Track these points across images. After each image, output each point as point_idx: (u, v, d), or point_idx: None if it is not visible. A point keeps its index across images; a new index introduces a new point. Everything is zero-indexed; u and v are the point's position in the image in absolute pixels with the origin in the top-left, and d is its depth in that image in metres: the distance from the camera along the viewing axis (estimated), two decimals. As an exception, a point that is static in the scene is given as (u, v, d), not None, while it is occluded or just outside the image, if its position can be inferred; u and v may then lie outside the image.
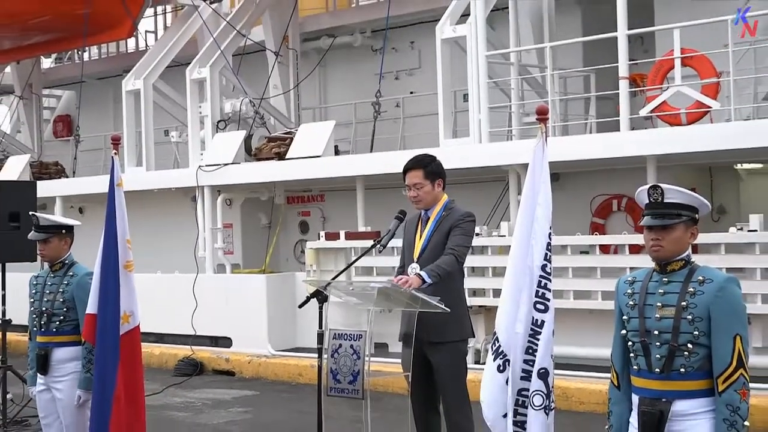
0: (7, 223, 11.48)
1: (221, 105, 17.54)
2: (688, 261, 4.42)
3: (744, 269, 10.83)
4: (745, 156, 12.96)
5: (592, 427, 9.14)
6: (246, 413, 11.90)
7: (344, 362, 6.10)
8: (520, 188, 12.54)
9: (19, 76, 23.38)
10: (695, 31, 12.40)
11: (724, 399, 4.23)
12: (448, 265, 6.17)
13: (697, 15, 12.74)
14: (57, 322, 7.08)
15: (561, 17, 15.71)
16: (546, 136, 4.77)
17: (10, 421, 10.97)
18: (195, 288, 15.59)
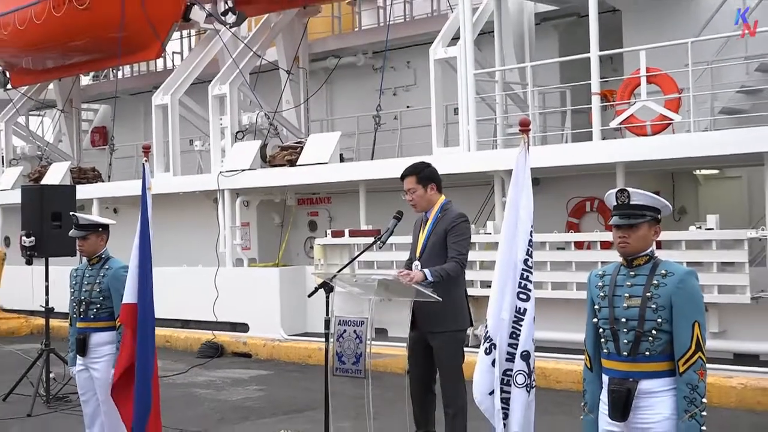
0: (50, 222, 11.52)
1: (239, 117, 17.55)
2: (652, 256, 4.43)
3: (702, 263, 10.84)
4: (703, 163, 12.99)
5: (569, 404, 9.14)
6: (261, 391, 11.91)
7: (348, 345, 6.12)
8: (504, 191, 12.56)
9: (61, 92, 23.38)
10: (659, 52, 12.40)
11: (684, 379, 4.25)
12: (452, 271, 6.21)
13: (660, 38, 12.76)
14: (94, 309, 7.10)
15: (540, 40, 15.74)
16: (527, 146, 4.78)
17: (53, 397, 11.01)
18: (216, 279, 15.60)
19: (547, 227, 12.77)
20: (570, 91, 14.22)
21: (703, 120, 12.40)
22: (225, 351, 15.17)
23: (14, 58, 22.01)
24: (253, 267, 16.45)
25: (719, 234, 10.89)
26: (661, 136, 11.95)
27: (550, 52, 15.50)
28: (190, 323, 16.11)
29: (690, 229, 11.30)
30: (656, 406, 4.30)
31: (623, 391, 4.33)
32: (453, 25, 14.31)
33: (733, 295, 10.75)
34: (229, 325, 15.72)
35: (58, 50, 20.67)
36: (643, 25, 14.16)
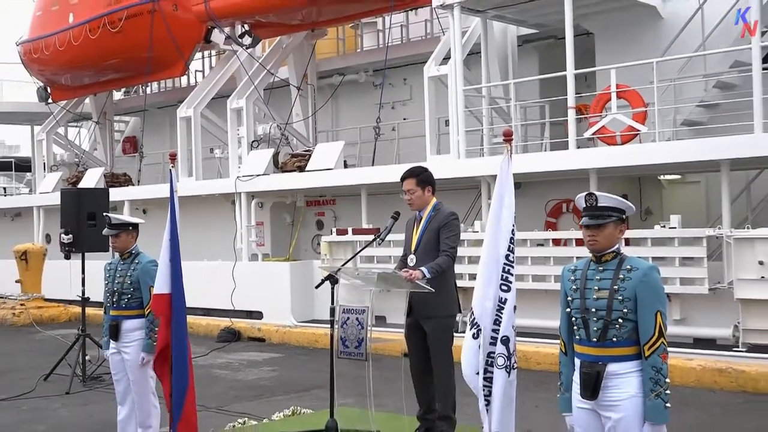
0: (85, 222, 11.52)
1: (254, 128, 17.60)
2: (619, 253, 4.43)
3: (666, 258, 10.86)
4: (667, 169, 13.00)
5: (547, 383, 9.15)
6: (273, 371, 11.91)
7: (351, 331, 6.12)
8: (489, 194, 12.57)
9: (96, 105, 23.40)
10: (627, 70, 12.42)
11: (649, 362, 4.25)
12: (444, 264, 6.21)
13: (629, 58, 12.77)
14: (126, 299, 7.10)
15: (522, 59, 15.76)
16: (510, 153, 4.78)
17: (89, 376, 11.04)
18: (234, 272, 15.64)
19: (527, 226, 12.79)
20: (548, 105, 14.24)
21: (666, 131, 12.43)
22: (241, 336, 15.18)
23: (55, 76, 22.05)
24: (267, 261, 16.47)
25: (681, 232, 10.92)
26: (629, 145, 11.97)
27: (531, 71, 15.51)
28: (211, 311, 16.12)
29: (655, 227, 11.33)
30: (622, 386, 4.30)
31: (593, 373, 4.33)
32: (444, 46, 14.33)
33: (693, 287, 10.77)
34: (245, 313, 15.73)
35: (93, 68, 20.73)
36: (613, 46, 14.17)
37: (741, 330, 10.46)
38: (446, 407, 6.25)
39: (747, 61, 11.77)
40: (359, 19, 18.41)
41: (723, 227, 10.94)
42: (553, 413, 5.41)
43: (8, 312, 18.34)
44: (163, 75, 20.51)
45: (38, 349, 14.25)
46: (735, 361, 10.05)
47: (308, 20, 16.97)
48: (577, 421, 4.47)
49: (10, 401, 9.98)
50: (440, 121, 14.86)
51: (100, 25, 19.50)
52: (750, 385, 9.64)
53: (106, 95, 23.25)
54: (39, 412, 9.43)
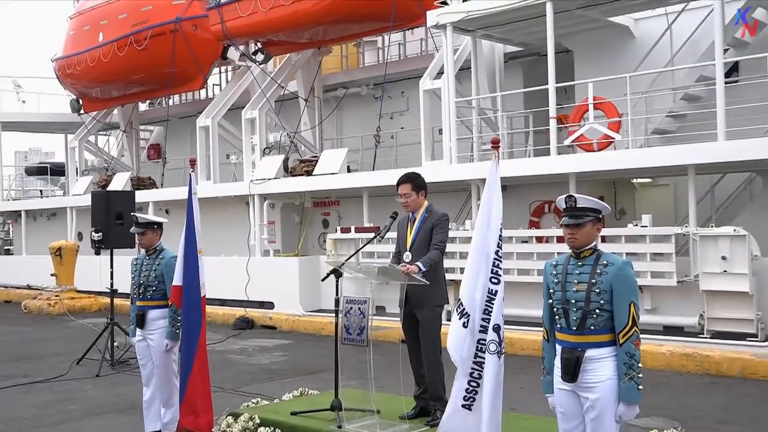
0: (114, 221, 11.52)
1: (266, 137, 17.57)
2: (596, 249, 4.44)
3: (638, 253, 10.87)
4: (639, 173, 13.02)
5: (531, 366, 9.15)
6: (284, 356, 11.91)
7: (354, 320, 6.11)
8: (479, 196, 12.57)
9: (123, 116, 23.40)
10: (603, 84, 12.42)
11: (624, 348, 4.25)
12: (436, 257, 6.20)
13: (605, 73, 12.79)
14: (151, 291, 7.09)
15: (508, 74, 15.77)
16: (498, 159, 4.77)
17: (117, 361, 11.05)
18: (248, 267, 15.65)
19: (513, 225, 12.80)
20: (532, 116, 14.25)
21: (638, 139, 12.44)
22: (255, 324, 15.19)
23: (86, 89, 22.05)
24: (278, 257, 16.46)
25: (651, 230, 10.93)
26: (605, 151, 11.98)
27: (516, 84, 15.52)
28: (227, 302, 16.12)
29: (628, 226, 11.34)
30: (599, 369, 4.30)
31: (573, 358, 4.33)
32: (438, 62, 14.34)
33: (663, 279, 10.79)
34: (258, 303, 15.73)
35: (121, 82, 20.75)
36: (590, 62, 14.20)
37: (706, 318, 10.49)
38: (437, 388, 6.25)
39: (711, 76, 11.78)
40: (361, 37, 18.41)
41: (689, 226, 10.95)
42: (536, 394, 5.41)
43: (44, 302, 18.36)
44: (184, 88, 20.53)
45: (71, 336, 14.25)
46: (700, 346, 10.07)
47: (315, 39, 16.97)
48: (559, 401, 4.47)
49: (46, 383, 9.99)
50: (434, 129, 14.86)
51: (127, 44, 19.51)
52: (714, 368, 9.66)
53: (133, 106, 23.26)
54: (72, 392, 9.44)
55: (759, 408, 7.99)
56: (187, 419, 6.45)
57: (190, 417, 6.44)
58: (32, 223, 24.53)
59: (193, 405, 6.45)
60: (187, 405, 6.47)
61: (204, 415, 6.45)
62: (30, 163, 29.08)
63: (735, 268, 10.15)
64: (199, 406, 6.44)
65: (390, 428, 5.95)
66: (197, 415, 6.43)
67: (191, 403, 6.45)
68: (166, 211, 19.04)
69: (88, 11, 21.44)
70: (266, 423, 6.32)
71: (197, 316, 6.49)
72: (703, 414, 7.75)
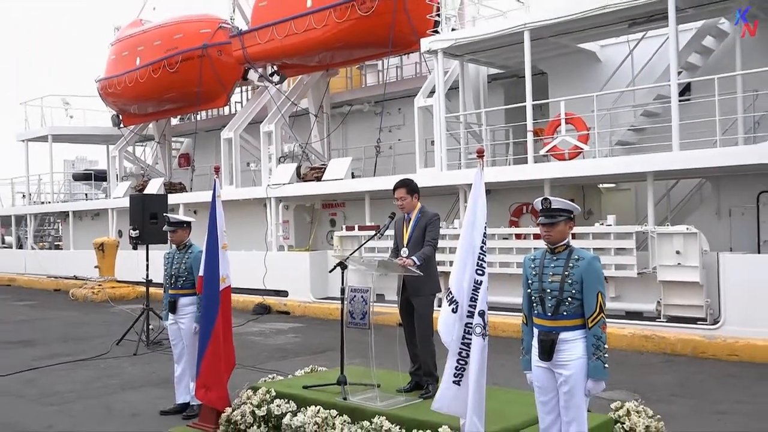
0: (149, 220, 11.52)
1: (281, 147, 17.57)
2: (568, 245, 4.43)
3: (604, 248, 10.86)
4: (604, 179, 13.01)
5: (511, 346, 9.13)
6: (296, 337, 11.90)
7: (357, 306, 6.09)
8: (466, 198, 12.57)
9: (157, 129, 23.38)
10: (574, 102, 12.43)
11: (592, 332, 4.25)
12: (429, 252, 6.18)
13: (575, 92, 12.80)
14: (181, 281, 7.09)
15: (491, 93, 15.77)
16: (482, 167, 4.75)
17: (151, 342, 11.02)
18: (265, 260, 15.64)
19: (495, 224, 12.80)
20: (512, 129, 14.23)
21: (604, 149, 12.43)
22: (271, 310, 15.17)
23: (125, 106, 22.05)
24: (291, 251, 16.44)
25: (615, 229, 10.92)
26: (575, 160, 11.96)
27: (498, 102, 15.52)
28: (247, 290, 16.11)
29: (595, 225, 11.33)
30: (571, 349, 4.29)
31: (549, 340, 4.33)
32: (430, 83, 14.32)
33: (625, 271, 10.77)
34: (274, 292, 15.71)
35: (155, 100, 20.76)
36: (562, 83, 14.20)
37: (662, 305, 10.48)
38: (429, 366, 6.23)
39: (667, 95, 11.78)
40: (363, 61, 18.37)
41: (648, 225, 10.95)
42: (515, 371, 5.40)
43: (89, 291, 18.35)
44: (210, 105, 20.53)
45: (112, 320, 14.24)
46: (658, 329, 10.07)
47: (324, 63, 16.95)
48: (536, 377, 4.46)
49: (90, 361, 9.98)
50: (427, 141, 14.85)
51: (161, 67, 19.52)
52: (669, 348, 9.66)
53: (166, 121, 23.25)
54: (112, 369, 9.42)
55: (708, 383, 7.98)
56: (199, 393, 6.51)
57: (202, 391, 6.48)
58: (78, 222, 24.51)
59: (205, 381, 6.46)
60: (200, 381, 6.50)
61: (215, 390, 6.42)
62: (76, 170, 29.00)
63: (687, 262, 10.15)
64: (211, 382, 6.43)
65: (388, 400, 5.94)
66: (208, 389, 6.44)
67: (204, 380, 6.47)
68: (194, 212, 19.04)
69: (126, 39, 21.45)
70: (281, 395, 6.30)
71: (215, 304, 6.48)
72: (660, 388, 7.74)
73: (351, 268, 6.27)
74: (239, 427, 6.21)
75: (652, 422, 5.73)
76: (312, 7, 15.68)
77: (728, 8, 11.43)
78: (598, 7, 11.35)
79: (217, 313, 6.46)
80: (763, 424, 6.33)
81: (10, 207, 28.09)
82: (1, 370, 9.34)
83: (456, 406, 4.63)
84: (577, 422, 4.31)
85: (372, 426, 5.46)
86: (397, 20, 14.58)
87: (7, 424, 6.90)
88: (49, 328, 13.32)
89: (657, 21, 11.82)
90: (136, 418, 7.02)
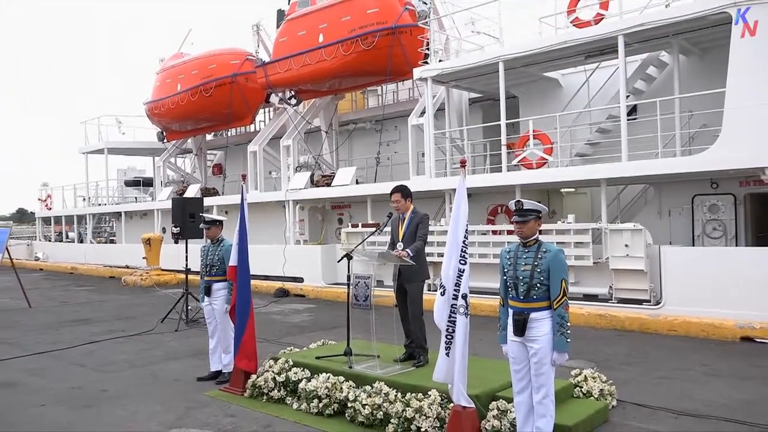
0: (188, 219, 11.46)
1: (298, 158, 17.51)
2: (538, 240, 4.40)
3: (566, 242, 10.83)
4: (565, 185, 12.98)
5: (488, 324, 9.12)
6: (311, 316, 11.86)
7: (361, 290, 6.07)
8: (450, 201, 12.54)
9: (195, 143, 23.28)
10: (540, 121, 12.41)
11: (557, 312, 4.23)
12: (420, 246, 6.16)
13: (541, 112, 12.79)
14: (214, 269, 7.05)
15: (471, 113, 15.74)
16: (464, 175, 4.73)
17: (190, 320, 10.97)
18: (284, 252, 15.58)
19: (475, 222, 12.78)
20: (489, 143, 14.22)
21: (565, 160, 12.41)
22: (289, 293, 15.08)
23: (168, 124, 21.99)
24: (306, 245, 16.38)
25: (575, 226, 10.89)
26: (541, 169, 11.94)
27: (477, 121, 15.49)
28: (269, 277, 16.07)
29: (558, 223, 11.29)
30: (540, 327, 4.28)
31: (521, 319, 4.31)
32: (421, 105, 14.29)
33: (583, 261, 10.75)
34: (291, 278, 15.65)
35: (193, 119, 20.69)
36: (531, 105, 14.18)
37: (614, 289, 10.45)
38: (420, 339, 6.21)
39: (617, 115, 11.76)
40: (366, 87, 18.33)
41: (602, 222, 10.92)
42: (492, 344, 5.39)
43: (138, 278, 18.29)
44: (238, 124, 20.47)
45: (157, 302, 14.19)
46: (610, 309, 10.04)
47: (333, 88, 16.91)
48: (510, 349, 4.44)
49: (138, 335, 9.94)
50: (418, 153, 14.83)
51: (198, 92, 19.47)
52: (619, 325, 9.64)
53: (202, 136, 23.19)
54: (157, 343, 9.38)
55: (651, 353, 7.96)
56: (242, 362, 6.47)
57: (245, 361, 6.44)
58: (129, 220, 24.45)
59: (246, 353, 6.44)
60: (242, 353, 6.46)
61: (253, 360, 6.45)
62: (128, 178, 28.89)
63: (634, 253, 10.13)
64: (251, 354, 6.44)
65: (387, 368, 5.92)
66: (249, 359, 6.43)
67: (245, 352, 6.44)
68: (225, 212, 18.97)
69: (169, 68, 21.38)
70: (297, 364, 6.28)
71: (248, 288, 6.45)
72: (612, 358, 7.71)
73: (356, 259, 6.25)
74: (263, 391, 6.19)
75: (605, 386, 5.72)
76: (323, 42, 15.66)
77: (668, 43, 11.43)
78: (560, 42, 11.33)
79: (250, 296, 6.44)
80: (696, 386, 6.31)
81: (73, 208, 28.04)
82: (66, 344, 9.31)
83: (449, 374, 4.61)
84: (546, 387, 4.29)
85: (373, 390, 5.44)
86: (394, 53, 14.56)
87: (71, 388, 6.87)
88: (104, 309, 13.28)
89: (609, 54, 11.81)
90: (177, 383, 6.98)
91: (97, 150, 25.25)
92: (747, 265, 8.90)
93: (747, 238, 11.31)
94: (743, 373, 6.83)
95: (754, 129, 9.15)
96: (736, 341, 8.48)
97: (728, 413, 5.46)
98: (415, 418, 5.00)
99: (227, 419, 5.66)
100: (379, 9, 14.73)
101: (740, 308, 8.79)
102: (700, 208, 11.61)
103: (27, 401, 6.38)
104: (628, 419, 5.36)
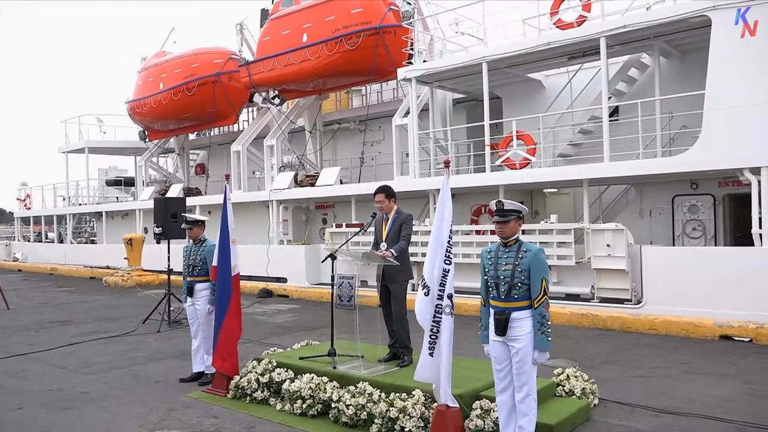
0: (170, 219, 11.38)
1: (281, 158, 17.44)
2: (518, 239, 4.43)
3: (548, 242, 10.91)
4: (548, 185, 13.07)
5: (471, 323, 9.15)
6: (294, 317, 11.82)
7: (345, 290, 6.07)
8: (435, 201, 12.57)
9: (177, 143, 23.10)
10: (523, 121, 12.49)
11: (537, 311, 4.25)
12: (404, 246, 6.16)
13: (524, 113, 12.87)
14: (197, 270, 7.00)
15: (455, 113, 15.79)
16: (448, 175, 4.75)
17: (172, 321, 10.88)
18: (268, 252, 15.51)
19: (459, 222, 12.82)
20: (472, 144, 14.28)
21: (548, 160, 12.50)
22: (273, 293, 15.03)
23: (150, 123, 21.78)
24: (290, 245, 16.33)
25: (557, 226, 10.98)
26: (524, 169, 12.02)
27: (461, 121, 15.55)
28: (253, 277, 15.99)
29: (541, 223, 11.37)
30: (521, 326, 4.29)
31: (503, 318, 4.32)
32: (405, 105, 14.32)
33: (565, 260, 10.83)
34: (275, 278, 15.60)
35: (175, 119, 20.52)
36: (514, 105, 14.26)
37: (595, 288, 10.55)
38: (404, 339, 6.22)
39: (599, 116, 11.88)
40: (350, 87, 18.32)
41: (584, 222, 11.02)
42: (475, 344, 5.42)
43: (119, 278, 18.10)
44: (222, 123, 20.34)
45: (138, 303, 14.06)
46: (592, 308, 10.14)
47: (317, 88, 16.88)
48: (492, 349, 4.45)
49: (119, 337, 9.84)
50: (403, 153, 14.86)
51: (181, 91, 19.31)
52: (601, 324, 9.73)
53: (184, 136, 23.01)
54: (139, 344, 9.29)
55: (632, 351, 8.05)
56: (216, 363, 6.48)
57: (219, 361, 6.45)
58: (110, 220, 24.19)
59: (221, 353, 6.44)
60: (217, 353, 6.46)
61: (229, 360, 6.43)
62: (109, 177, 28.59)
63: (616, 253, 10.24)
64: (225, 354, 6.42)
65: (371, 368, 5.92)
66: (224, 360, 6.42)
67: (220, 352, 6.44)
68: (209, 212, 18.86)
69: (151, 67, 21.20)
70: (281, 365, 6.26)
71: (227, 289, 6.43)
72: (593, 357, 7.79)
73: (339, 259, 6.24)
74: (246, 392, 6.17)
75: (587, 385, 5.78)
76: (307, 42, 15.63)
77: (649, 45, 11.56)
78: (544, 44, 11.42)
79: (230, 297, 6.42)
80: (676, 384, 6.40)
81: (53, 208, 27.68)
82: (46, 345, 9.19)
83: (431, 374, 4.62)
84: (528, 386, 4.31)
85: (357, 390, 5.44)
86: (378, 53, 14.56)
87: (51, 390, 6.79)
88: (85, 310, 13.13)
89: (591, 56, 11.92)
90: (159, 384, 6.93)
91: (77, 149, 24.95)
92: (726, 264, 9.05)
93: (726, 238, 11.49)
94: (722, 370, 6.94)
95: (733, 131, 9.30)
96: (715, 340, 8.61)
97: (707, 410, 5.55)
98: (399, 418, 5.01)
99: (210, 420, 5.63)
100: (363, 9, 14.74)
101: (719, 307, 8.93)
102: (680, 208, 11.77)
103: (5, 404, 6.30)
104: (610, 417, 5.42)
